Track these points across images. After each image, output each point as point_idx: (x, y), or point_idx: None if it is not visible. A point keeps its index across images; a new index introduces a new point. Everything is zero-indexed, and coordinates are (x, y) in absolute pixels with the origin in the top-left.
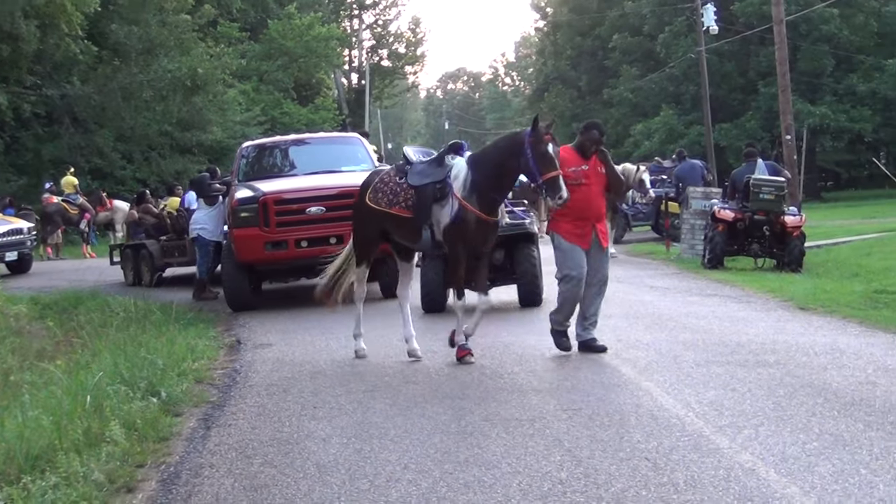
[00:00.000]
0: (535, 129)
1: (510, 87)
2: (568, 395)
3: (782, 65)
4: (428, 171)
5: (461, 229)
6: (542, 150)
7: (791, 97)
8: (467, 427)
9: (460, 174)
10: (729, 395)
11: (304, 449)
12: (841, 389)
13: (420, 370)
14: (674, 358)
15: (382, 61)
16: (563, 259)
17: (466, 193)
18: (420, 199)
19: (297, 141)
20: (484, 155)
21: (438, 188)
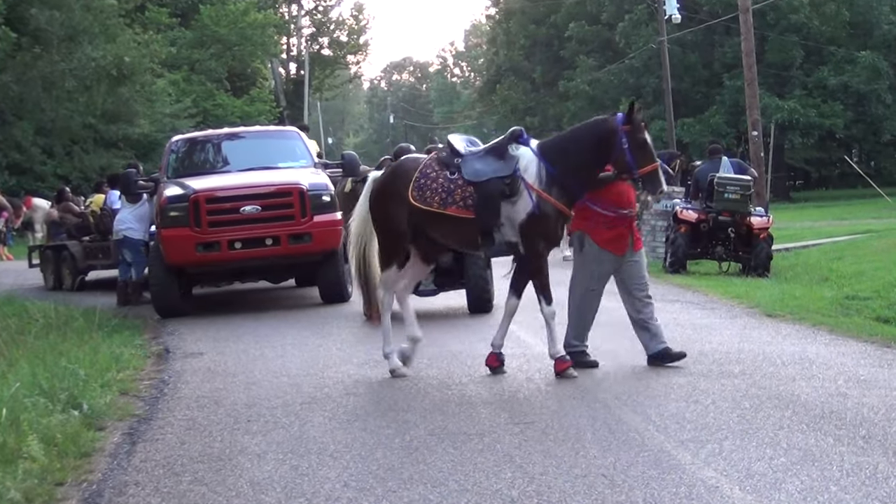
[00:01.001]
0: (631, 116)
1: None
2: (520, 408)
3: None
4: (488, 164)
5: (543, 223)
6: (641, 139)
7: (758, 91)
8: (412, 442)
9: (530, 167)
10: (691, 408)
11: (237, 465)
12: (810, 401)
13: (361, 381)
14: (632, 367)
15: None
16: (591, 268)
17: (544, 186)
18: (484, 197)
19: (230, 135)
20: (560, 145)
21: (507, 184)
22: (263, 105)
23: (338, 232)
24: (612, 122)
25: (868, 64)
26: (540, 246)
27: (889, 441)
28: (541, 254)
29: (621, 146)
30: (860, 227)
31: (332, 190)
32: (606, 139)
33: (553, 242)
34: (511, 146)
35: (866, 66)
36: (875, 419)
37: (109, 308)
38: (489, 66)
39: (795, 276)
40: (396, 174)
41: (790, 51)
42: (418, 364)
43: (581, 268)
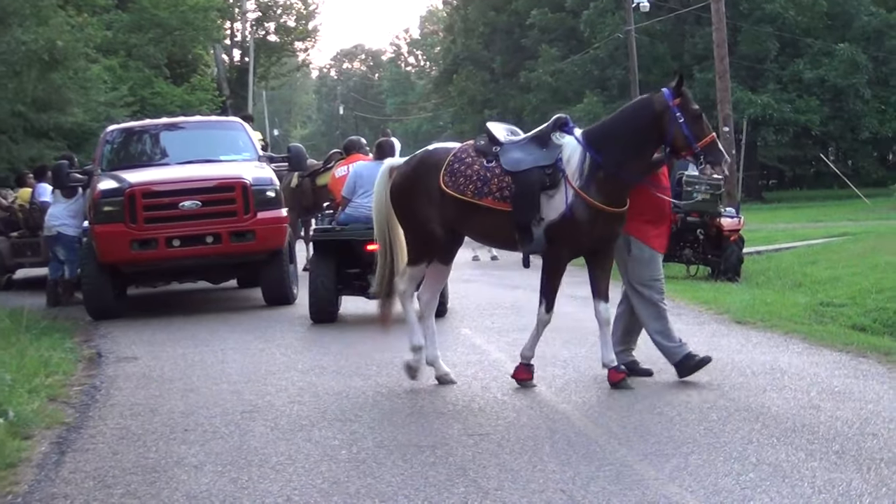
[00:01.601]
0: (680, 89)
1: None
2: (474, 419)
3: (720, 47)
4: (529, 153)
5: (571, 227)
6: (695, 111)
7: (730, 84)
8: (359, 454)
9: (573, 157)
10: (655, 420)
11: (173, 477)
12: (781, 414)
13: (307, 388)
14: (594, 377)
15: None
16: (646, 270)
17: (583, 182)
18: (523, 188)
19: (169, 125)
20: (607, 129)
21: (548, 174)
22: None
23: (283, 230)
24: (661, 98)
25: (846, 57)
26: (561, 250)
27: (863, 456)
28: (560, 258)
29: (676, 121)
30: (836, 230)
31: (277, 185)
32: (658, 117)
33: (579, 250)
34: (555, 134)
35: (844, 60)
36: (849, 433)
37: (38, 309)
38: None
39: (767, 280)
40: (426, 164)
41: (764, 42)
42: (366, 371)
43: (638, 272)
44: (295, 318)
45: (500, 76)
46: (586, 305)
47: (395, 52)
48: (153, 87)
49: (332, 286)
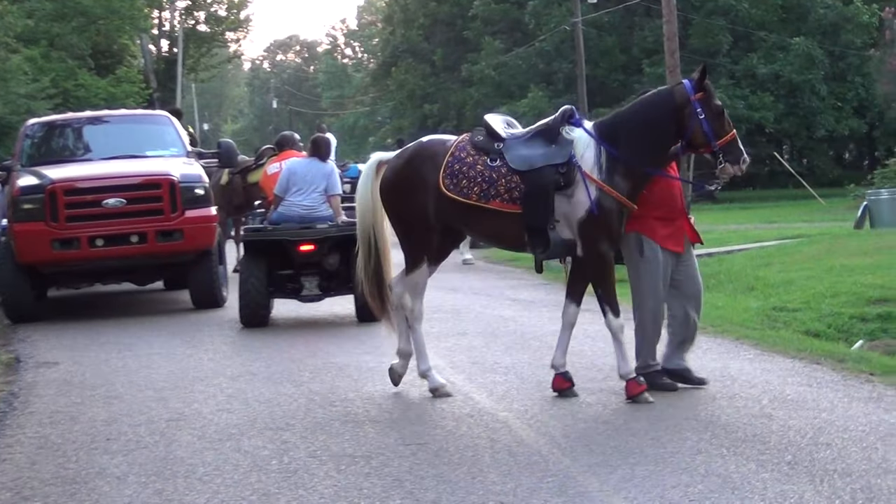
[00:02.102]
0: (703, 82)
1: (351, 59)
2: (412, 428)
3: (671, 41)
4: (537, 150)
5: (605, 221)
6: (718, 107)
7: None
8: (291, 464)
9: (588, 151)
10: (601, 429)
11: (95, 489)
12: (731, 423)
13: (236, 396)
14: (537, 384)
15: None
16: (654, 274)
17: (605, 176)
18: (534, 189)
19: (93, 119)
20: (623, 123)
21: (562, 173)
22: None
23: (212, 229)
24: (682, 91)
25: (801, 52)
26: (603, 246)
27: (816, 468)
28: (604, 255)
29: (697, 116)
30: (790, 232)
31: (206, 182)
32: (678, 110)
33: (617, 241)
34: (564, 128)
35: (800, 55)
36: (802, 443)
37: None
38: (384, 47)
39: (718, 284)
40: (420, 158)
41: (716, 36)
42: (299, 378)
43: (646, 276)
44: (224, 321)
45: (441, 69)
46: (528, 308)
47: (331, 44)
48: (77, 78)
49: (264, 288)
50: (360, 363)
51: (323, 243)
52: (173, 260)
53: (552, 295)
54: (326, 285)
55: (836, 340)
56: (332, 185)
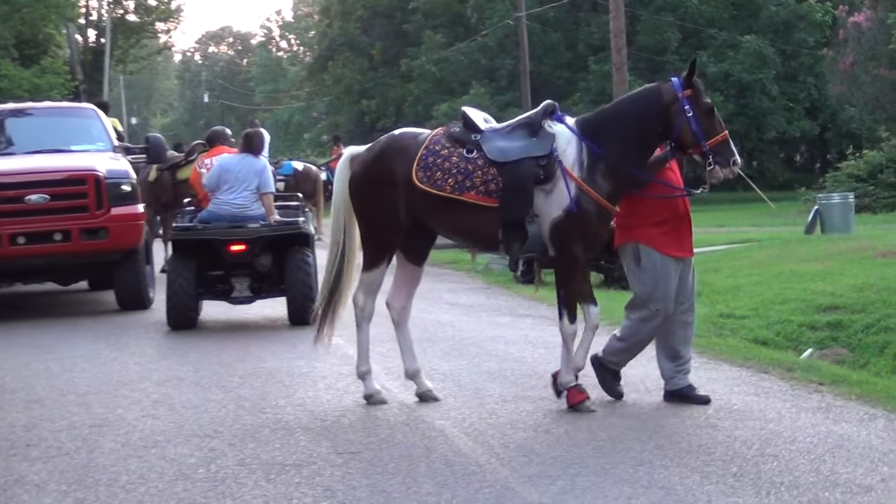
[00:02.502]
0: (692, 79)
1: (286, 53)
2: (345, 436)
3: (618, 37)
4: (518, 142)
5: (582, 223)
6: (707, 105)
7: (627, 77)
8: (218, 473)
9: (569, 147)
10: (541, 438)
11: (13, 497)
12: (676, 433)
13: (162, 401)
14: (475, 391)
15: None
16: (655, 282)
17: (586, 174)
18: (514, 181)
19: (16, 111)
20: (607, 120)
21: (542, 165)
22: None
23: (139, 227)
24: (670, 88)
25: (752, 50)
26: (576, 248)
27: (762, 480)
28: (576, 258)
29: (684, 115)
30: (739, 236)
31: (133, 178)
32: (665, 109)
33: (594, 246)
34: (546, 122)
35: (750, 53)
36: (748, 454)
37: None
38: (321, 40)
39: None
40: (392, 150)
41: (665, 32)
42: (228, 383)
43: (650, 284)
44: (151, 324)
45: (380, 64)
46: (467, 313)
47: (265, 36)
48: None
49: (192, 290)
50: (292, 368)
51: (254, 243)
52: (98, 259)
53: (492, 299)
54: (258, 287)
55: (784, 349)
56: (264, 182)
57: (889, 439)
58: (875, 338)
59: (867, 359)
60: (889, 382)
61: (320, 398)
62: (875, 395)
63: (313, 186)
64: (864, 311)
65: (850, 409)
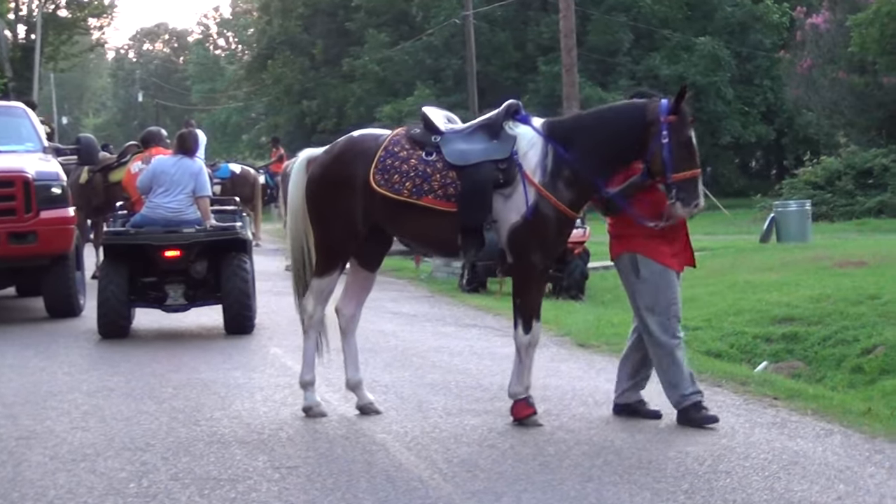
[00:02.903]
0: (680, 105)
1: (224, 51)
2: (283, 450)
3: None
4: (478, 144)
5: (539, 230)
6: (686, 136)
7: (578, 79)
8: (150, 487)
9: (533, 150)
10: (486, 453)
11: None
12: (625, 449)
13: (92, 412)
14: (418, 404)
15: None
16: (656, 293)
17: (547, 179)
18: (472, 185)
19: None
20: (581, 125)
21: (502, 169)
22: None
23: (69, 231)
24: (655, 108)
25: (707, 52)
26: (534, 257)
27: (714, 497)
28: (533, 266)
29: (660, 140)
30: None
31: (64, 180)
32: (645, 128)
33: (552, 254)
34: (508, 123)
35: (705, 55)
36: (700, 471)
37: None
38: (260, 38)
39: (614, 299)
40: (352, 152)
41: (616, 33)
42: (161, 394)
43: (649, 296)
44: (81, 332)
45: (321, 63)
46: (410, 323)
47: (202, 33)
48: None
49: (125, 297)
50: (227, 379)
51: (190, 249)
52: (26, 264)
53: (436, 308)
54: (193, 294)
55: (738, 361)
56: (200, 185)
57: (845, 456)
58: (832, 350)
59: (823, 372)
60: (846, 397)
61: (257, 410)
62: (831, 410)
63: (251, 190)
64: (820, 323)
65: (805, 425)
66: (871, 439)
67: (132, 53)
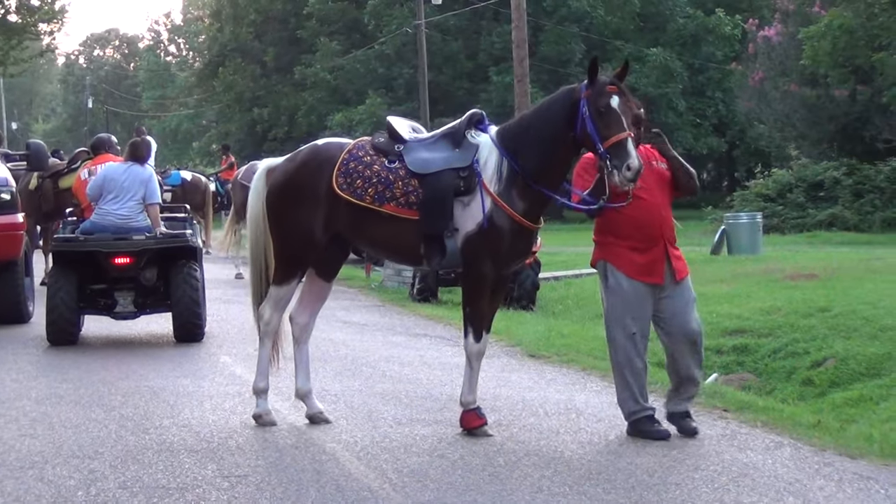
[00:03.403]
0: (593, 78)
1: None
2: (232, 458)
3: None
4: (439, 153)
5: (493, 239)
6: (603, 104)
7: (529, 89)
8: (99, 496)
9: (490, 159)
10: (436, 463)
11: None
12: (575, 459)
13: (40, 420)
14: (368, 414)
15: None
16: (622, 306)
17: (502, 188)
18: (433, 193)
19: None
20: (523, 126)
21: (463, 177)
22: None
23: (18, 238)
24: (576, 90)
25: (659, 63)
26: (484, 267)
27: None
28: (483, 276)
29: (582, 115)
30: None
31: (13, 186)
32: (570, 112)
33: (504, 264)
34: (470, 132)
35: (657, 66)
36: (650, 482)
37: None
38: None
39: (565, 310)
40: (316, 160)
41: (569, 44)
42: (109, 402)
43: (612, 307)
44: (29, 339)
45: (273, 71)
46: (360, 332)
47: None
48: None
49: (74, 304)
50: (177, 387)
51: (140, 256)
52: None
53: (387, 318)
54: (142, 302)
55: None
56: (150, 192)
57: (795, 468)
58: (782, 363)
59: (773, 385)
60: (796, 409)
61: (206, 419)
62: (781, 423)
63: (202, 198)
64: (771, 335)
65: (755, 437)
66: (821, 452)
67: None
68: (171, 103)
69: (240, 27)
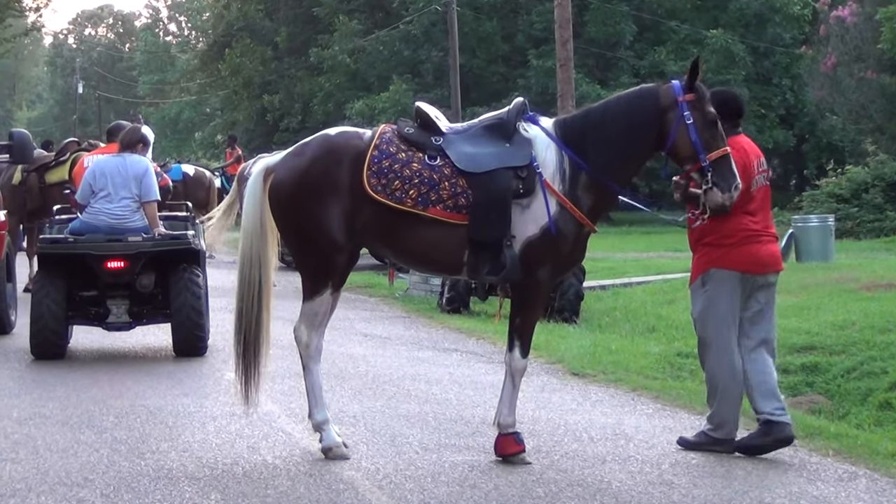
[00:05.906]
0: (695, 81)
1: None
2: (237, 487)
3: (563, 29)
4: (488, 148)
5: (557, 245)
6: (711, 114)
7: (573, 74)
8: None
9: (548, 155)
10: (467, 494)
11: None
12: (624, 491)
13: (23, 442)
14: (392, 438)
15: None
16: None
17: (568, 188)
18: (490, 196)
19: None
20: (593, 123)
21: (522, 177)
22: None
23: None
24: (669, 90)
25: (719, 47)
26: (544, 274)
27: None
28: (542, 284)
29: (684, 122)
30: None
31: None
32: (662, 114)
33: (564, 270)
34: (521, 124)
35: (717, 50)
36: None
37: None
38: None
39: (613, 323)
40: (333, 152)
41: (618, 24)
42: (101, 423)
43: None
44: (11, 351)
45: (285, 53)
46: (383, 346)
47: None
48: None
49: (62, 313)
50: (176, 407)
51: (135, 260)
52: None
53: (412, 330)
54: (138, 311)
55: None
56: (147, 189)
57: (871, 501)
58: (857, 384)
59: (847, 408)
60: (872, 436)
61: (209, 442)
62: (856, 451)
63: (206, 194)
64: (844, 353)
65: (826, 467)
66: None
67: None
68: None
69: (248, 4)
